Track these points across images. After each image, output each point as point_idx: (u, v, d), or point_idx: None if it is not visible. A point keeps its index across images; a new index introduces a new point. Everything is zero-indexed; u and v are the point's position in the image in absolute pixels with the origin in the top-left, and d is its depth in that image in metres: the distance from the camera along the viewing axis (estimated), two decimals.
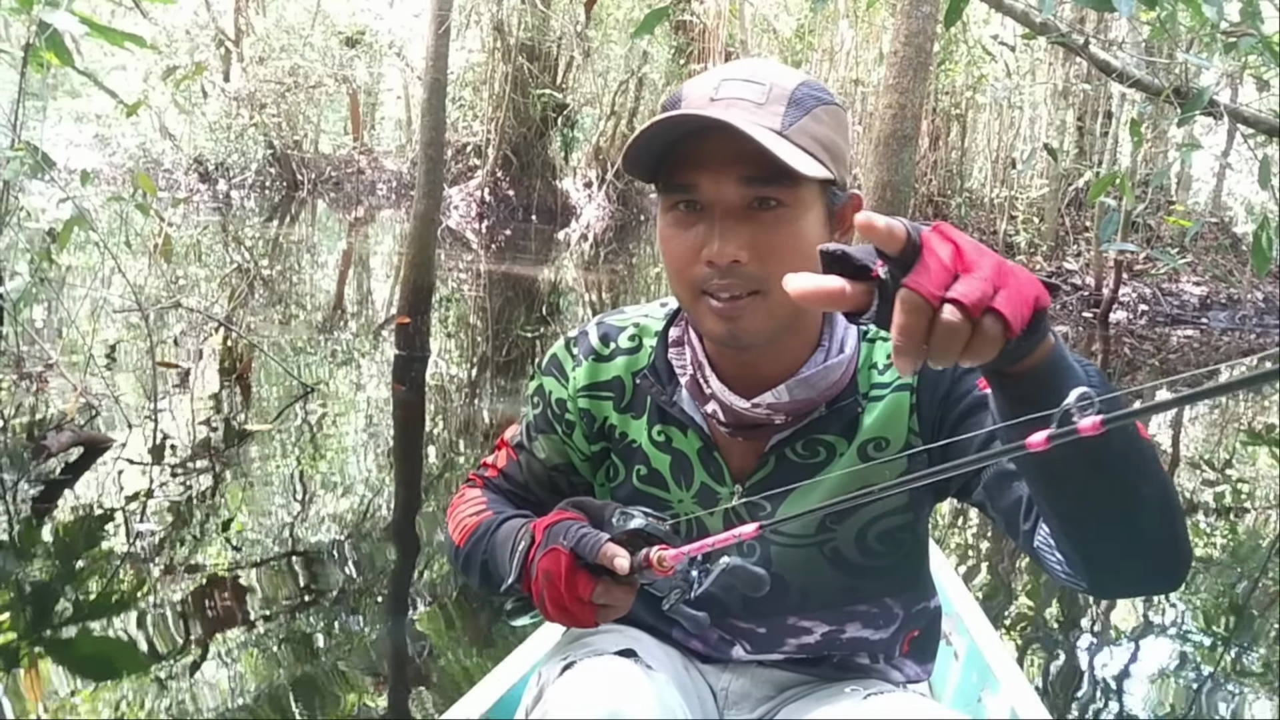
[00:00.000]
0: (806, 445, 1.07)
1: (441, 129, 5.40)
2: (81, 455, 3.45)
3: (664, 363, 1.10)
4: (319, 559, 2.90)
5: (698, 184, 0.96)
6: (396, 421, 4.50)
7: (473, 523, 1.17)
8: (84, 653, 2.28)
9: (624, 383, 1.13)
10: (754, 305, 0.97)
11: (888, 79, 6.13)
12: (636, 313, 1.17)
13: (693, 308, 1.00)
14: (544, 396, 1.18)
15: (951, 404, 1.03)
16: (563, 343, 1.18)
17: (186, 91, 13.62)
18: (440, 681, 2.28)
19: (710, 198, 0.96)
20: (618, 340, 1.14)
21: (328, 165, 18.14)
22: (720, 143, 0.94)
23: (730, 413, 1.04)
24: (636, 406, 1.13)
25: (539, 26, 14.98)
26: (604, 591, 0.97)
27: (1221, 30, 2.57)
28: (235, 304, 6.39)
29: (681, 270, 0.99)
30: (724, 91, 0.95)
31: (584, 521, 1.01)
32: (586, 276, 10.44)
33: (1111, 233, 2.89)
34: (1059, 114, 10.57)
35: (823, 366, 1.04)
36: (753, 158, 0.93)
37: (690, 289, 0.99)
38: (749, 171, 0.94)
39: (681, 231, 0.98)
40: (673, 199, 0.98)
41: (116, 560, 2.76)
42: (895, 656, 1.17)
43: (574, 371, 1.15)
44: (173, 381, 4.50)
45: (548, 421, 1.18)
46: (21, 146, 3.45)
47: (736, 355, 1.04)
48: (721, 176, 0.95)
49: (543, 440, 1.19)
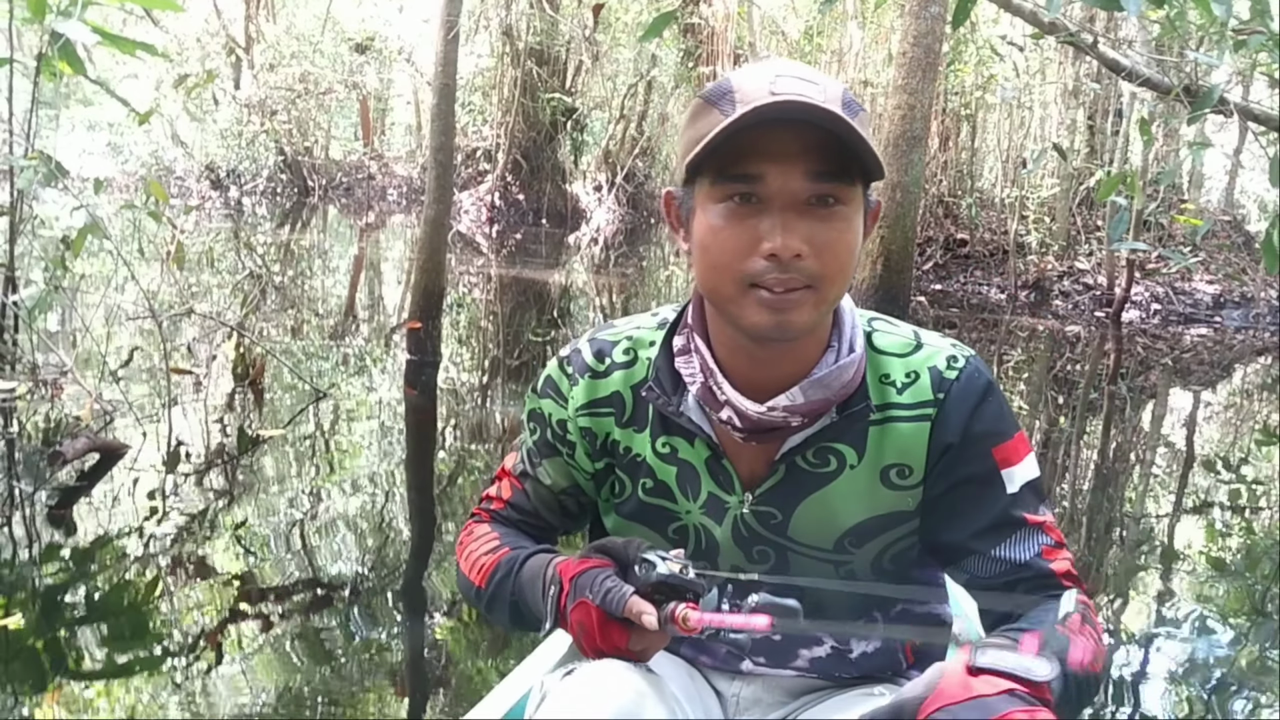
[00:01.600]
0: (817, 453, 1.06)
1: (451, 134, 5.42)
2: (97, 462, 3.47)
3: (668, 373, 1.09)
4: (333, 564, 2.90)
5: (763, 175, 0.94)
6: (409, 426, 4.51)
7: (490, 561, 1.15)
8: (100, 660, 2.29)
9: (623, 397, 1.12)
10: (805, 299, 0.97)
11: (897, 80, 6.13)
12: (627, 326, 1.15)
13: (736, 300, 0.98)
14: (542, 420, 1.17)
15: (961, 451, 1.05)
16: (555, 363, 1.16)
17: (198, 99, 13.69)
18: (456, 687, 2.28)
19: (775, 189, 0.94)
20: (612, 355, 1.13)
21: (338, 171, 18.20)
22: (790, 135, 0.93)
23: (745, 418, 1.03)
24: (638, 420, 1.12)
25: (548, 31, 15.00)
26: (638, 639, 0.98)
27: (1231, 28, 2.56)
28: (248, 310, 6.43)
29: (733, 262, 0.97)
30: (782, 87, 0.93)
31: (610, 568, 1.00)
32: (597, 280, 10.45)
33: (1122, 232, 2.88)
34: (1069, 113, 10.53)
35: (835, 367, 1.03)
36: (821, 152, 0.93)
37: (738, 281, 0.97)
38: (818, 166, 0.94)
39: (736, 223, 0.96)
40: (727, 190, 0.96)
41: (132, 566, 2.78)
42: (902, 667, 1.17)
43: (571, 391, 1.13)
44: (186, 388, 4.53)
45: (549, 445, 1.17)
46: (35, 155, 3.47)
47: (752, 358, 1.04)
48: (790, 168, 0.94)
49: (547, 465, 1.18)
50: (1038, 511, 1.05)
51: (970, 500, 1.05)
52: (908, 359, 1.07)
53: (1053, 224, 10.26)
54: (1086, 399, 6.16)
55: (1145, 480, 4.63)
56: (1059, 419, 5.58)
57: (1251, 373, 7.67)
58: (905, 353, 1.07)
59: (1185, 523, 3.98)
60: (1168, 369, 7.41)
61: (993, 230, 10.65)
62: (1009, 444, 1.05)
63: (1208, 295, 9.68)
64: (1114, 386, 6.60)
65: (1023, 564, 1.03)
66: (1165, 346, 8.25)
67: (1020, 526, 1.04)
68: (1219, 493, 4.41)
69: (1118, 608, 3.01)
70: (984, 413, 1.05)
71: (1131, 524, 3.91)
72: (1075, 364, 7.39)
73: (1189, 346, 8.32)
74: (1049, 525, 1.05)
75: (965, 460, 1.05)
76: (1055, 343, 8.11)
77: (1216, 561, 3.51)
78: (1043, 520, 1.05)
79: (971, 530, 1.05)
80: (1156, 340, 8.46)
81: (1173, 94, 2.91)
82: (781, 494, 1.07)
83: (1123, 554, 3.55)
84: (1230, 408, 6.40)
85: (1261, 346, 8.57)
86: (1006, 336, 8.09)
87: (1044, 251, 10.20)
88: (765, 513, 1.08)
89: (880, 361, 1.07)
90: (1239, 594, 3.22)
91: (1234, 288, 9.78)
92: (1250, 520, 4.04)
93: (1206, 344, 8.47)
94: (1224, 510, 4.15)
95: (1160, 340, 8.47)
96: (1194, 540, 3.77)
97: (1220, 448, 5.32)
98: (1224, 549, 3.67)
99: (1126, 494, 4.37)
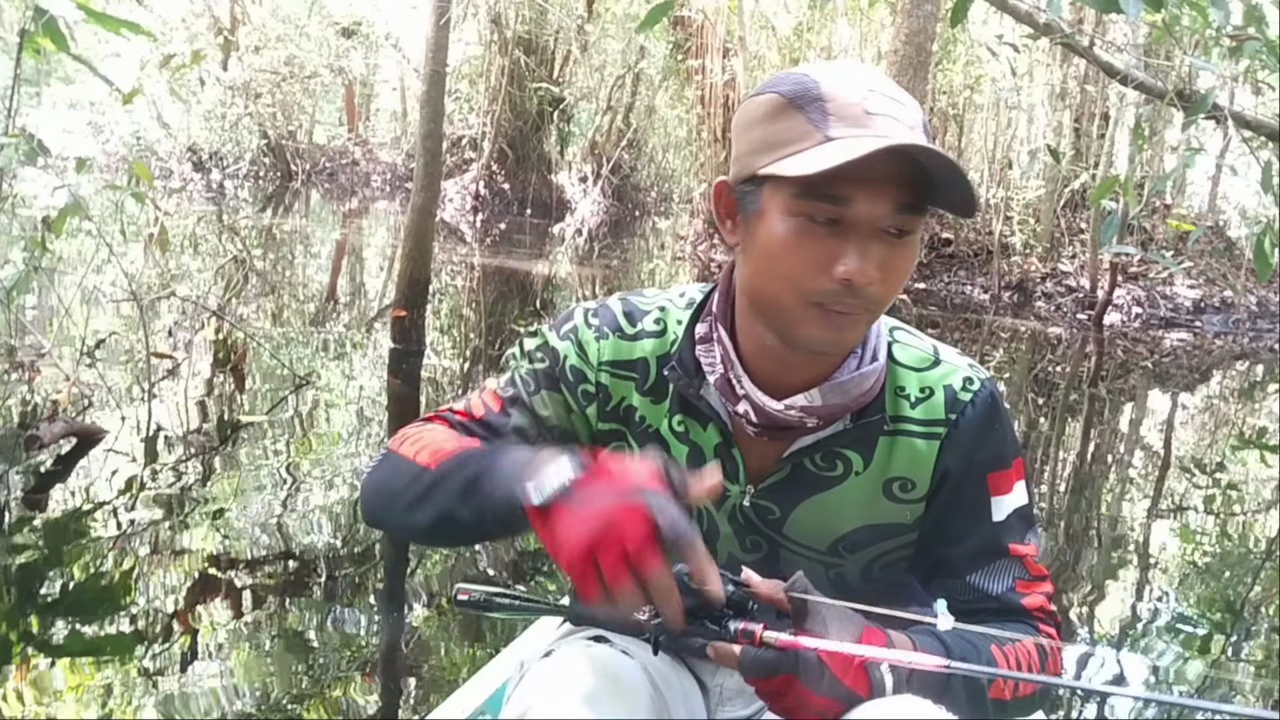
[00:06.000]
0: (825, 457, 1.06)
1: (440, 121, 5.37)
2: (74, 446, 3.42)
3: (690, 357, 1.07)
4: (310, 553, 2.88)
5: (852, 199, 0.91)
6: (392, 416, 4.48)
7: (453, 447, 1.02)
8: (74, 647, 2.26)
9: (649, 365, 1.10)
10: (860, 320, 0.96)
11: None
12: (658, 297, 1.13)
13: (794, 313, 0.96)
14: (555, 356, 1.11)
15: (960, 479, 1.05)
16: (580, 312, 1.12)
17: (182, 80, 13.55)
18: (431, 678, 2.27)
19: (862, 216, 0.92)
20: (643, 322, 1.10)
21: (322, 156, 18.09)
22: (886, 163, 0.90)
23: (761, 413, 1.03)
24: (658, 391, 1.10)
25: (536, 20, 14.95)
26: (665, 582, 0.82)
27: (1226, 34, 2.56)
28: (230, 295, 6.36)
29: (803, 280, 0.94)
30: (874, 106, 0.91)
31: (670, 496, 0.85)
32: (581, 271, 10.42)
33: (1112, 235, 2.89)
34: (1056, 115, 10.58)
35: (857, 374, 1.03)
36: (911, 184, 0.91)
37: (803, 298, 0.94)
38: (905, 198, 0.92)
39: (813, 241, 0.93)
40: (811, 207, 0.92)
41: (108, 554, 2.74)
42: None
43: (598, 343, 1.10)
44: (166, 372, 4.48)
45: (554, 381, 1.11)
46: (16, 133, 3.41)
47: (779, 359, 1.02)
48: (881, 198, 0.91)
49: (546, 396, 1.11)
50: (1023, 541, 1.06)
51: (956, 524, 1.05)
52: (924, 374, 1.07)
53: (1037, 226, 10.31)
54: (1067, 401, 6.19)
55: (1122, 483, 4.66)
56: (1039, 420, 5.61)
57: (1229, 378, 7.74)
58: (923, 368, 1.07)
59: (1161, 524, 4.01)
60: (1147, 372, 7.47)
61: (977, 231, 10.69)
62: (1004, 472, 1.06)
63: (1188, 300, 9.76)
64: (1094, 389, 6.64)
65: (993, 596, 1.04)
66: (1145, 350, 8.31)
67: (1000, 556, 1.05)
68: (1194, 496, 4.44)
69: (1098, 610, 3.02)
70: (989, 441, 1.06)
71: (1108, 525, 3.94)
72: (1056, 366, 7.43)
73: (1169, 350, 8.38)
74: (1030, 559, 1.06)
75: (960, 485, 1.05)
76: (1037, 344, 8.16)
77: (1191, 563, 3.53)
78: (1025, 552, 1.05)
79: (953, 553, 1.06)
80: (1137, 344, 8.52)
81: (1167, 99, 2.92)
82: (783, 492, 1.07)
83: (1099, 554, 3.57)
84: (1207, 411, 6.45)
85: (1240, 351, 8.65)
86: (989, 337, 8.12)
87: (1028, 253, 10.26)
88: (764, 507, 1.08)
89: (897, 374, 1.07)
90: (1213, 595, 3.24)
91: (1214, 292, 9.87)
92: (1224, 522, 4.07)
93: (1186, 348, 8.54)
94: (1199, 513, 4.18)
95: (1140, 344, 8.53)
96: (1169, 542, 3.80)
97: (1197, 451, 5.36)
98: (1200, 551, 3.70)
99: (1104, 495, 4.40)
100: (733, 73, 11.17)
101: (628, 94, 16.22)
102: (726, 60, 11.37)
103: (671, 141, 17.16)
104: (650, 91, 16.20)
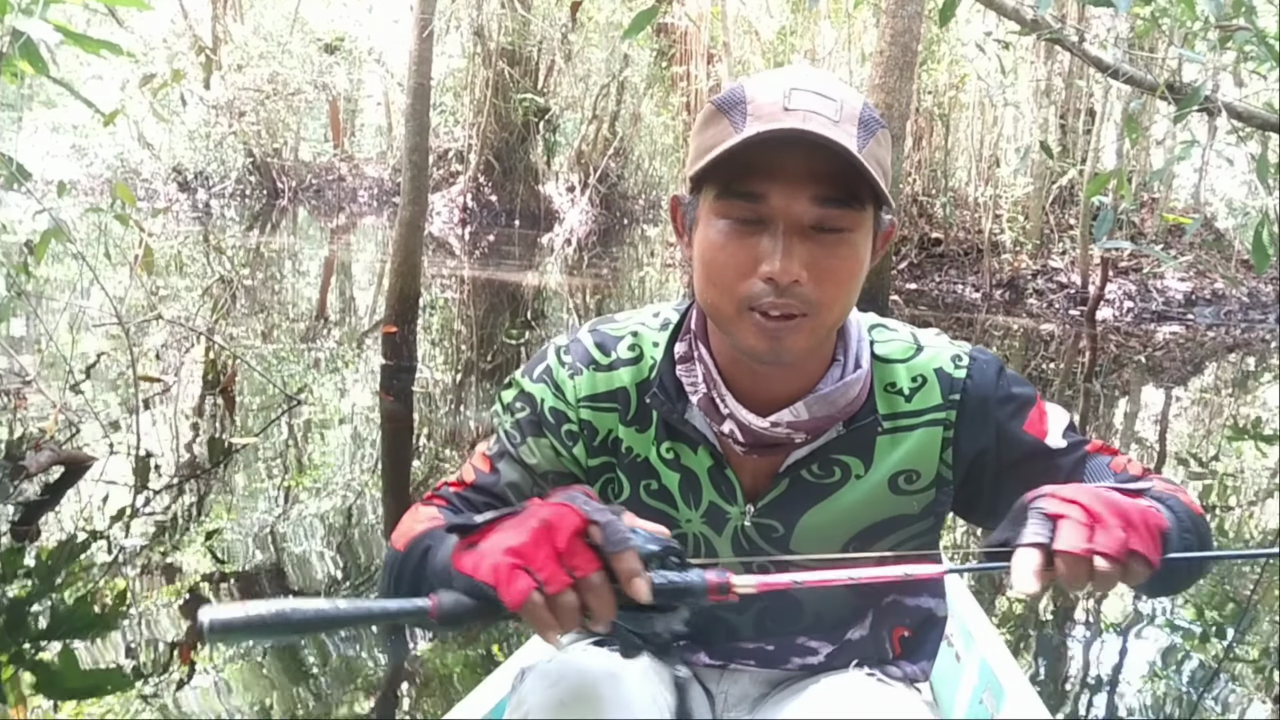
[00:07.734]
0: (822, 465, 1.04)
1: (426, 135, 5.34)
2: (62, 475, 3.37)
3: (671, 379, 1.05)
4: (308, 570, 2.84)
5: (767, 195, 0.91)
6: (384, 433, 4.44)
7: (422, 529, 0.99)
8: (67, 679, 2.22)
9: (629, 394, 1.07)
10: (800, 326, 0.94)
11: (874, 79, 6.12)
12: (630, 320, 1.11)
13: (733, 322, 0.95)
14: (532, 403, 1.08)
15: (999, 449, 1.03)
16: (552, 352, 1.10)
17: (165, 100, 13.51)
18: (433, 691, 2.24)
19: (778, 212, 0.91)
20: (617, 350, 1.08)
21: (308, 173, 18.05)
22: (797, 156, 0.89)
23: (748, 432, 1.01)
24: (642, 420, 1.07)
25: (519, 31, 14.94)
26: (599, 584, 0.77)
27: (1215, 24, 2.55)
28: (218, 315, 6.31)
29: (731, 284, 0.94)
30: (797, 102, 0.90)
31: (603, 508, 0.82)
32: (571, 281, 10.40)
33: (1106, 230, 2.87)
34: (1041, 112, 10.60)
35: (841, 383, 1.01)
36: (830, 178, 0.90)
37: (736, 303, 0.94)
38: (824, 192, 0.91)
39: (736, 242, 0.93)
40: (730, 206, 0.93)
41: (99, 584, 2.70)
42: (889, 656, 1.15)
43: (573, 380, 1.07)
44: (155, 396, 4.43)
45: (538, 427, 1.08)
46: None
47: (754, 371, 1.01)
48: (795, 192, 0.91)
49: (532, 444, 1.08)
50: (1087, 439, 1.05)
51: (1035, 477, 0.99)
52: (911, 364, 1.06)
53: (1026, 223, 10.32)
54: (1062, 396, 6.18)
55: None
56: None
57: (1223, 369, 7.75)
58: (908, 357, 1.06)
59: None
60: (1141, 366, 7.47)
61: (967, 229, 10.70)
62: (1034, 411, 1.05)
63: (1179, 293, 9.78)
64: (1089, 384, 6.63)
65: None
66: (1138, 344, 8.31)
67: (1087, 461, 1.03)
68: (1191, 489, 4.42)
69: (1097, 603, 2.99)
70: (1004, 401, 1.04)
71: None
72: (1050, 362, 7.42)
73: (1162, 344, 8.39)
74: (1098, 445, 1.04)
75: (1006, 450, 1.03)
76: (1030, 341, 8.15)
77: None
78: (1099, 445, 1.04)
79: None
80: (1130, 338, 8.52)
81: (1158, 91, 2.91)
82: (784, 507, 1.05)
83: None
84: (1202, 403, 6.45)
85: (1232, 343, 8.66)
86: (982, 335, 8.12)
87: (1018, 250, 10.26)
88: (767, 525, 1.06)
89: (884, 370, 1.05)
90: (1216, 589, 3.22)
91: (1205, 285, 9.88)
92: (1222, 517, 4.05)
93: (1179, 341, 8.55)
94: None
95: (1133, 338, 8.53)
96: None
97: (1193, 443, 5.35)
98: None
99: None
100: (717, 78, 11.18)
101: (613, 102, 16.23)
102: (711, 66, 11.38)
103: (658, 149, 17.19)
104: (635, 99, 16.23)
